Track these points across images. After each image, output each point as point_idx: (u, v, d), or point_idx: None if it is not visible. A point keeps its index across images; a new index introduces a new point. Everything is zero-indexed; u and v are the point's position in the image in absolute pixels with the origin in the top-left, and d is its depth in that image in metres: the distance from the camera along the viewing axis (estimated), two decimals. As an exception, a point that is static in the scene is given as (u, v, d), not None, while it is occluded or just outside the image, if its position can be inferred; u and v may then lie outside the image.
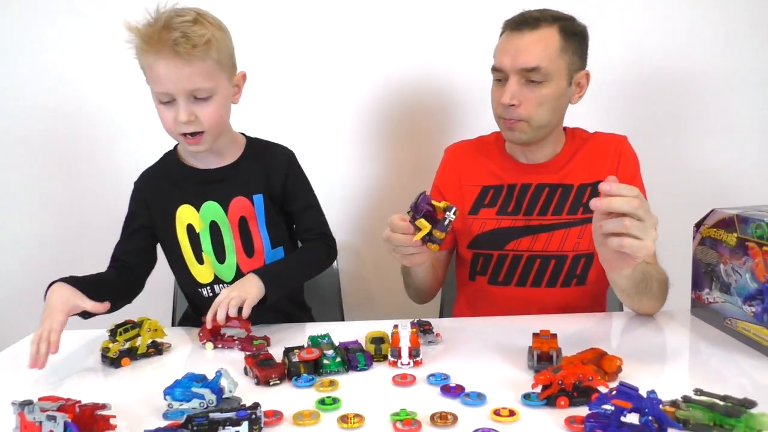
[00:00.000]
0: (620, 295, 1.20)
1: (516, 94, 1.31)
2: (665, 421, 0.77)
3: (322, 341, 1.08)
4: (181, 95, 1.16)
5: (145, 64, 1.17)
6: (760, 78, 1.96)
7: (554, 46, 1.30)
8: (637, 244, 0.94)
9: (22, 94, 1.90)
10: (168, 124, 1.21)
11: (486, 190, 1.45)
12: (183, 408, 0.87)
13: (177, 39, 1.12)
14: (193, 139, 1.21)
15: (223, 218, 1.31)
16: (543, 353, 1.00)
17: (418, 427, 0.82)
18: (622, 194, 0.95)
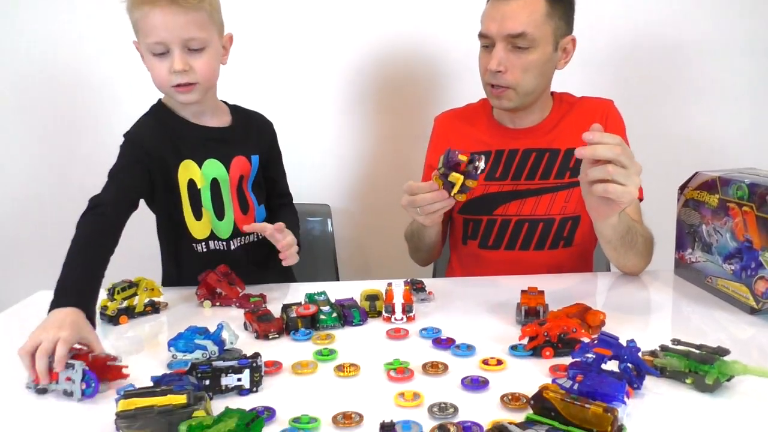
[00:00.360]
0: (607, 248, 1.23)
1: (503, 61, 1.32)
2: (643, 368, 0.81)
3: (318, 298, 1.12)
4: (177, 44, 1.18)
5: (138, 16, 1.18)
6: (745, 46, 1.98)
7: (540, 12, 1.31)
8: (620, 189, 1.00)
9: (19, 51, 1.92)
10: (160, 76, 1.22)
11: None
12: (186, 359, 0.91)
13: None
14: (185, 88, 1.23)
15: (225, 176, 1.33)
16: (530, 308, 1.05)
17: (410, 375, 0.87)
18: (604, 142, 1.00)
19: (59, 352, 0.86)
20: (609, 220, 1.14)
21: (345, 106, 1.99)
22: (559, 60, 1.39)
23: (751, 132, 2.04)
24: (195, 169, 1.31)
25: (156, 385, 0.77)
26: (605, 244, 1.23)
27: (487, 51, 1.37)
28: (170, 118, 1.33)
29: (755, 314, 1.07)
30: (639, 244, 1.25)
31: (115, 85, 1.93)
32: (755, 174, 1.14)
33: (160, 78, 1.22)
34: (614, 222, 1.15)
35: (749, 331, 1.03)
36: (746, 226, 1.07)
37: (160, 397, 0.73)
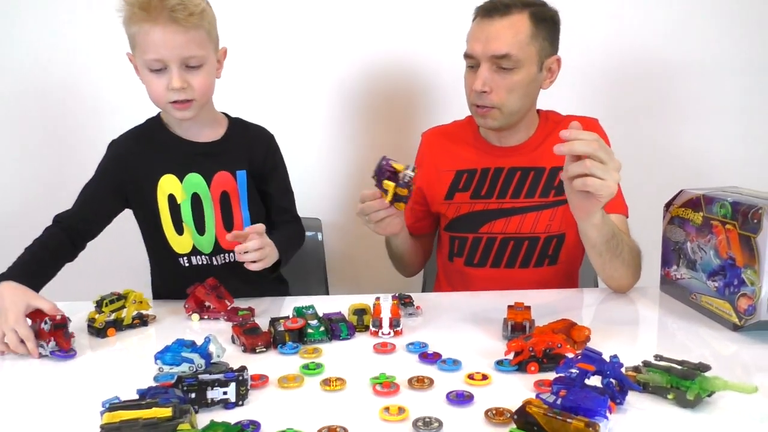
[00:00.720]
0: (592, 255, 1.24)
1: (487, 81, 1.33)
2: (626, 383, 0.82)
3: (306, 312, 1.13)
4: (175, 62, 1.19)
5: (136, 31, 1.18)
6: (732, 65, 2.01)
7: (524, 33, 1.31)
8: (599, 183, 1.03)
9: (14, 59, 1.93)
10: (157, 92, 1.22)
11: (460, 174, 1.48)
12: (173, 371, 0.91)
13: (174, 6, 1.15)
14: (183, 104, 1.23)
15: (206, 191, 1.33)
16: (517, 323, 1.05)
17: (396, 389, 0.87)
18: (581, 138, 1.03)
19: (21, 336, 1.01)
20: (592, 218, 1.15)
21: (335, 120, 2.01)
22: (544, 80, 1.40)
23: (737, 150, 2.06)
24: (175, 183, 1.32)
25: (141, 398, 0.77)
26: (590, 250, 1.24)
27: (472, 71, 1.38)
28: (160, 132, 1.34)
29: (738, 331, 1.09)
30: (625, 253, 1.26)
31: (107, 95, 1.93)
32: (738, 192, 1.16)
33: (156, 94, 1.23)
34: (597, 222, 1.16)
35: (732, 348, 1.05)
36: (729, 244, 1.09)
37: (146, 410, 0.73)
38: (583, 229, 1.20)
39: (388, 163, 1.15)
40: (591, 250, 1.24)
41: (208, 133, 1.36)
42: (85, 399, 0.87)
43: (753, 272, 1.03)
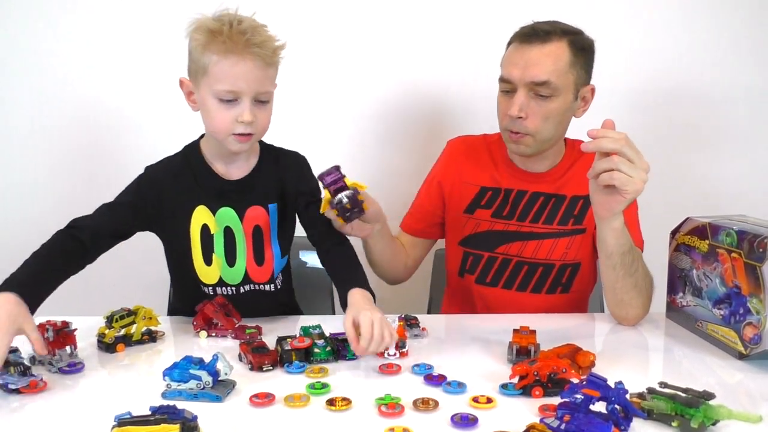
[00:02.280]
0: (607, 267, 1.23)
1: (524, 107, 1.32)
2: (630, 410, 0.82)
3: (313, 331, 1.14)
4: (249, 96, 1.18)
5: (215, 61, 1.16)
6: (750, 96, 2.03)
7: (564, 61, 1.31)
8: (625, 178, 1.05)
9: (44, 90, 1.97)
10: (223, 123, 1.19)
11: (484, 191, 1.48)
12: (181, 388, 0.92)
13: (260, 42, 1.16)
14: (246, 138, 1.21)
15: (238, 225, 1.31)
16: (522, 347, 1.06)
17: (401, 411, 0.88)
18: (608, 136, 1.05)
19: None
20: (613, 220, 1.16)
21: (350, 143, 2.03)
22: (578, 108, 1.39)
23: (751, 180, 2.07)
24: (209, 216, 1.30)
25: (151, 414, 0.78)
26: (605, 261, 1.22)
27: (506, 96, 1.36)
28: (197, 164, 1.31)
29: (743, 359, 1.09)
30: (639, 275, 1.25)
31: (136, 117, 1.97)
32: (744, 221, 1.17)
33: (222, 124, 1.20)
34: (617, 226, 1.17)
35: (737, 376, 1.05)
36: (735, 272, 1.10)
37: (154, 426, 0.75)
38: (602, 233, 1.20)
39: (336, 174, 1.16)
40: (606, 261, 1.22)
41: (243, 165, 1.33)
42: (93, 413, 0.88)
43: (758, 301, 1.04)
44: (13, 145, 2.00)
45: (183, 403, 0.86)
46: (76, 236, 1.19)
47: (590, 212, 1.42)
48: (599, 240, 1.22)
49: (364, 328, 1.03)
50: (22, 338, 1.08)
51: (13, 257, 1.11)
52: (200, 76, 1.19)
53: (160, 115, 1.96)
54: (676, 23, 1.99)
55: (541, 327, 1.12)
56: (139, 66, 1.96)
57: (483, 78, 1.93)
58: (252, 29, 1.16)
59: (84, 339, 1.14)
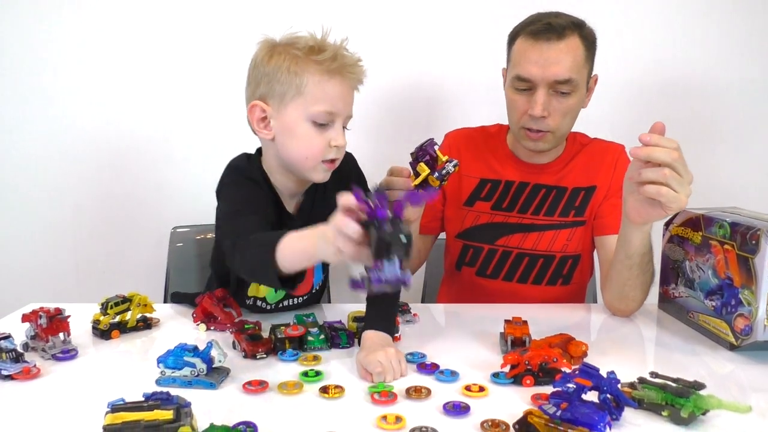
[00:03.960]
0: (623, 266, 1.21)
1: (546, 106, 1.30)
2: (622, 399, 0.83)
3: (307, 319, 1.14)
4: (342, 118, 1.14)
5: (310, 81, 1.10)
6: (749, 88, 2.03)
7: (580, 56, 1.30)
8: (673, 194, 1.00)
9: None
10: (318, 146, 1.12)
11: (484, 183, 1.48)
12: (175, 375, 0.92)
13: (352, 65, 1.13)
14: (332, 165, 1.16)
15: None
16: (516, 338, 1.06)
17: (394, 398, 0.88)
18: (662, 145, 1.00)
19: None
20: (644, 226, 1.15)
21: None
22: (585, 99, 1.39)
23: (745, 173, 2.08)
24: None
25: (144, 400, 0.78)
26: (624, 261, 1.20)
27: (522, 94, 1.34)
28: (265, 184, 1.21)
29: (734, 350, 1.10)
30: (649, 274, 1.25)
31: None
32: (737, 213, 1.17)
33: (315, 148, 1.12)
34: (647, 230, 1.16)
35: (728, 367, 1.05)
36: (727, 264, 1.10)
37: (147, 412, 0.75)
38: (629, 235, 1.17)
39: (433, 147, 1.09)
40: (625, 260, 1.21)
41: (303, 185, 1.25)
42: (87, 400, 0.89)
43: (750, 293, 1.04)
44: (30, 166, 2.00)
45: (177, 390, 0.87)
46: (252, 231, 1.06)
47: (591, 204, 1.43)
48: (622, 240, 1.20)
49: (372, 368, 0.96)
50: (15, 325, 1.09)
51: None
52: (289, 98, 1.11)
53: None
54: (672, 16, 1.99)
55: (534, 317, 1.13)
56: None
57: (477, 70, 1.95)
58: (343, 50, 1.13)
59: (79, 326, 1.14)
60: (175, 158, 1.99)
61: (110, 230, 1.98)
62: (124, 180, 2.00)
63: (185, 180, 1.99)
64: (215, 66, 1.95)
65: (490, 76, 1.64)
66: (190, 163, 1.99)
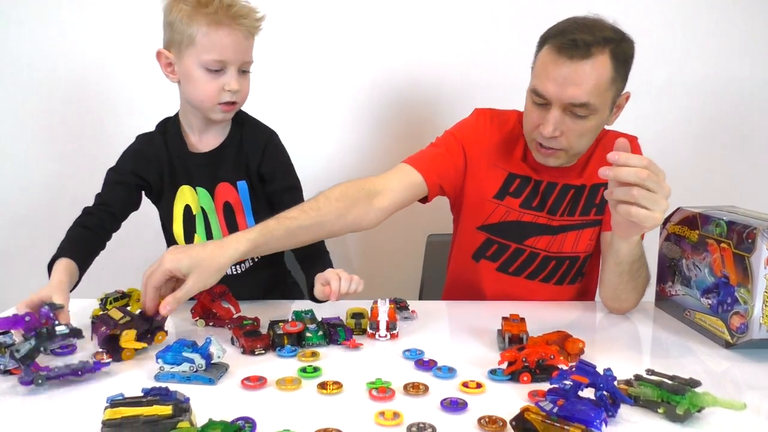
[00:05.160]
0: (613, 273, 1.22)
1: (558, 126, 1.24)
2: (618, 396, 0.84)
3: (305, 316, 1.14)
4: (235, 65, 1.22)
5: (203, 32, 1.18)
6: (746, 87, 2.04)
7: (605, 78, 1.21)
8: (644, 213, 0.99)
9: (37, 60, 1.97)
10: (210, 92, 1.22)
11: (512, 177, 1.40)
12: (174, 371, 0.93)
13: (245, 14, 1.20)
14: (230, 106, 1.26)
15: (210, 204, 1.33)
16: (514, 335, 1.07)
17: (392, 395, 0.89)
18: (630, 164, 0.98)
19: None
20: (632, 238, 1.14)
21: (342, 127, 2.03)
22: (611, 117, 1.32)
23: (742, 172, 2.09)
24: (192, 195, 1.32)
25: (143, 396, 0.78)
26: (614, 267, 1.21)
27: (538, 108, 1.27)
28: (174, 139, 1.34)
29: (730, 348, 1.10)
30: (641, 279, 1.25)
31: (121, 93, 1.97)
32: (734, 212, 1.18)
33: (207, 93, 1.23)
34: (635, 240, 1.15)
35: (724, 365, 1.06)
36: (724, 263, 1.11)
37: (146, 408, 0.75)
38: (617, 245, 1.18)
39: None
40: (614, 267, 1.21)
41: (215, 138, 1.34)
42: (85, 395, 0.89)
43: (746, 291, 1.05)
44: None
45: (176, 386, 0.87)
46: (92, 213, 1.30)
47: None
48: (612, 248, 1.20)
49: (331, 275, 1.14)
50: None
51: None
52: (185, 47, 1.21)
53: (144, 88, 1.97)
54: (672, 16, 1.99)
55: (532, 314, 1.13)
56: (118, 39, 1.96)
57: (476, 66, 1.95)
58: (236, 1, 1.20)
59: (78, 321, 1.14)
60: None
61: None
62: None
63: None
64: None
65: (490, 75, 1.65)
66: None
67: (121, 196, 1.32)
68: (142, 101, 1.95)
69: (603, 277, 1.29)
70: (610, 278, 1.24)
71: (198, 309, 1.22)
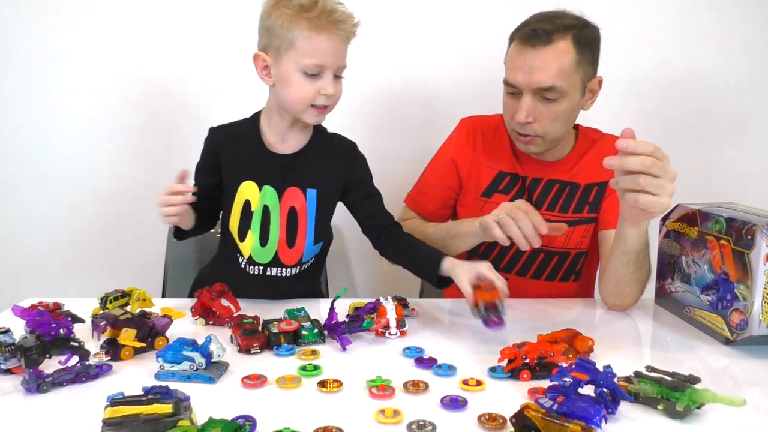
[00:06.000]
0: (619, 262, 1.22)
1: (531, 112, 1.30)
2: (618, 393, 0.84)
3: (298, 314, 1.15)
4: (332, 70, 1.24)
5: (304, 36, 1.20)
6: (745, 83, 2.04)
7: (569, 62, 1.27)
8: (652, 200, 1.01)
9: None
10: (306, 94, 1.24)
11: (502, 175, 1.46)
12: (174, 370, 0.93)
13: (344, 20, 1.22)
14: (323, 110, 1.28)
15: (276, 205, 1.33)
16: (488, 303, 1.08)
17: (392, 393, 0.89)
18: (637, 151, 1.00)
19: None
20: (640, 224, 1.15)
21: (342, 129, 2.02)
22: (586, 101, 1.37)
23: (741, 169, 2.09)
24: (254, 191, 1.33)
25: (143, 395, 0.78)
26: (620, 257, 1.21)
27: (512, 97, 1.34)
28: (254, 136, 1.36)
29: (730, 345, 1.11)
30: (645, 271, 1.26)
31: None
32: (733, 209, 1.18)
33: (304, 95, 1.24)
34: (644, 226, 1.16)
35: (723, 362, 1.06)
36: (723, 259, 1.11)
37: (147, 406, 0.75)
38: (625, 232, 1.18)
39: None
40: (621, 256, 1.21)
41: (295, 142, 1.36)
42: (85, 394, 0.89)
43: (745, 288, 1.05)
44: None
45: (176, 384, 0.87)
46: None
47: (602, 202, 1.43)
48: (619, 236, 1.20)
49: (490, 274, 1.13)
50: (14, 319, 1.09)
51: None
52: (284, 51, 1.22)
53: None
54: (671, 15, 1.99)
55: (532, 311, 1.13)
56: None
57: (475, 64, 1.95)
58: (335, 5, 1.22)
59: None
60: (173, 153, 1.99)
61: (108, 226, 1.99)
62: (123, 174, 2.00)
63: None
64: (213, 65, 1.95)
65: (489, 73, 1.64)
66: (189, 158, 1.98)
67: (207, 187, 1.36)
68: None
69: (606, 271, 1.29)
70: (616, 269, 1.25)
71: (198, 307, 1.22)
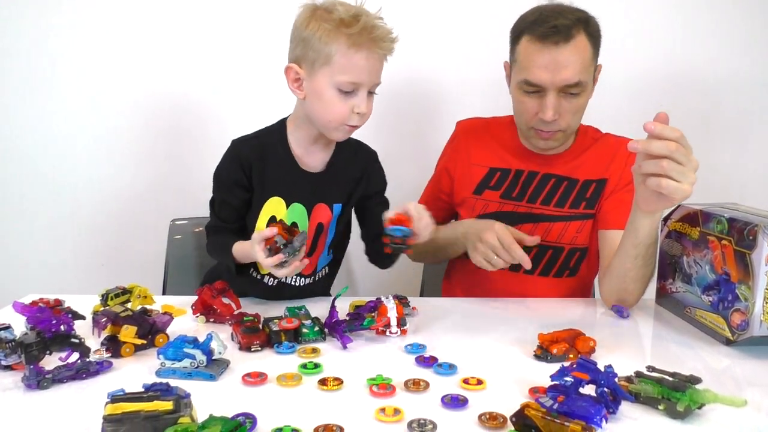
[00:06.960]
0: (628, 256, 1.22)
1: (557, 109, 1.31)
2: (619, 393, 0.84)
3: (299, 312, 1.15)
4: (367, 87, 1.21)
5: (342, 52, 1.16)
6: (747, 83, 2.03)
7: (588, 56, 1.30)
8: (674, 185, 1.01)
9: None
10: (340, 112, 1.21)
11: (493, 171, 1.48)
12: (175, 367, 0.93)
13: (383, 37, 1.18)
14: (353, 128, 1.25)
15: (305, 223, 1.31)
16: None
17: (392, 391, 0.89)
18: (664, 136, 1.00)
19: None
20: (655, 214, 1.16)
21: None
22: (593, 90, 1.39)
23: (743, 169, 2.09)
24: (281, 207, 1.30)
25: (144, 391, 0.78)
26: (630, 250, 1.21)
27: (531, 96, 1.33)
28: (281, 148, 1.32)
29: (730, 345, 1.10)
30: (651, 268, 1.26)
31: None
32: (735, 209, 1.17)
33: (338, 113, 1.21)
34: (657, 218, 1.17)
35: (724, 362, 1.06)
36: (724, 260, 1.11)
37: (147, 403, 0.75)
38: (638, 222, 1.18)
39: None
40: (631, 250, 1.21)
41: (321, 155, 1.34)
42: (86, 390, 0.89)
43: (747, 288, 1.05)
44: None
45: (177, 382, 0.87)
46: (221, 231, 1.33)
47: (601, 198, 1.43)
48: (631, 228, 1.20)
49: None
50: (14, 315, 1.09)
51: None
52: (319, 65, 1.18)
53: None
54: (672, 14, 1.99)
55: (532, 311, 1.13)
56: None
57: (475, 63, 1.94)
58: (376, 21, 1.18)
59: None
60: (173, 152, 1.99)
61: (109, 223, 1.99)
62: (123, 173, 2.00)
63: (183, 173, 1.99)
64: (213, 65, 1.95)
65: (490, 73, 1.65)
66: (188, 156, 1.99)
67: (234, 212, 1.33)
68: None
69: (612, 266, 1.29)
70: (623, 263, 1.24)
71: (199, 305, 1.22)
